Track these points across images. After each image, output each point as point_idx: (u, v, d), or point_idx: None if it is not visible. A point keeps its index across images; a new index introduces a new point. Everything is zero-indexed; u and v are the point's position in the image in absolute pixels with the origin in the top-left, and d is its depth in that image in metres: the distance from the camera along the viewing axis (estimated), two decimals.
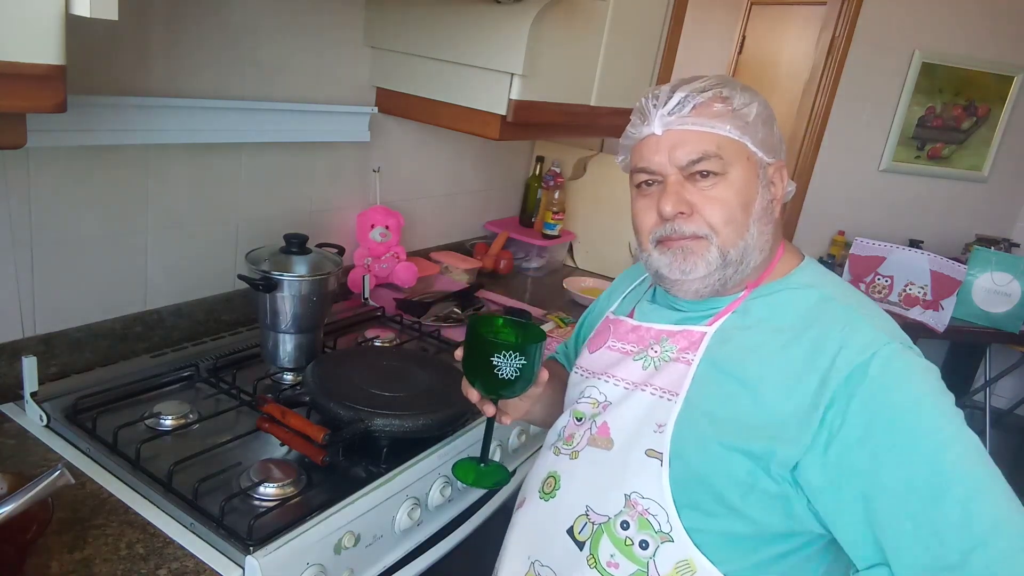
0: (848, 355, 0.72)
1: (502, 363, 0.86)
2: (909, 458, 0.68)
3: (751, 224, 0.82)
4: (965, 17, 3.47)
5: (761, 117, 0.82)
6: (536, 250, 2.36)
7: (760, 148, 0.82)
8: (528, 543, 0.90)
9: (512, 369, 0.86)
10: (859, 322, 0.75)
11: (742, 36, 4.56)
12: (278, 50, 1.48)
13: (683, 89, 0.83)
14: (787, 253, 0.88)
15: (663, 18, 2.20)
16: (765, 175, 0.83)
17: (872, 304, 0.82)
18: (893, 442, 0.69)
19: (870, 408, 0.70)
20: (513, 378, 0.87)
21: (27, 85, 0.68)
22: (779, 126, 0.86)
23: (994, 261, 3.05)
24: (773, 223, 0.85)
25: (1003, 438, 4.00)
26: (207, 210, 1.44)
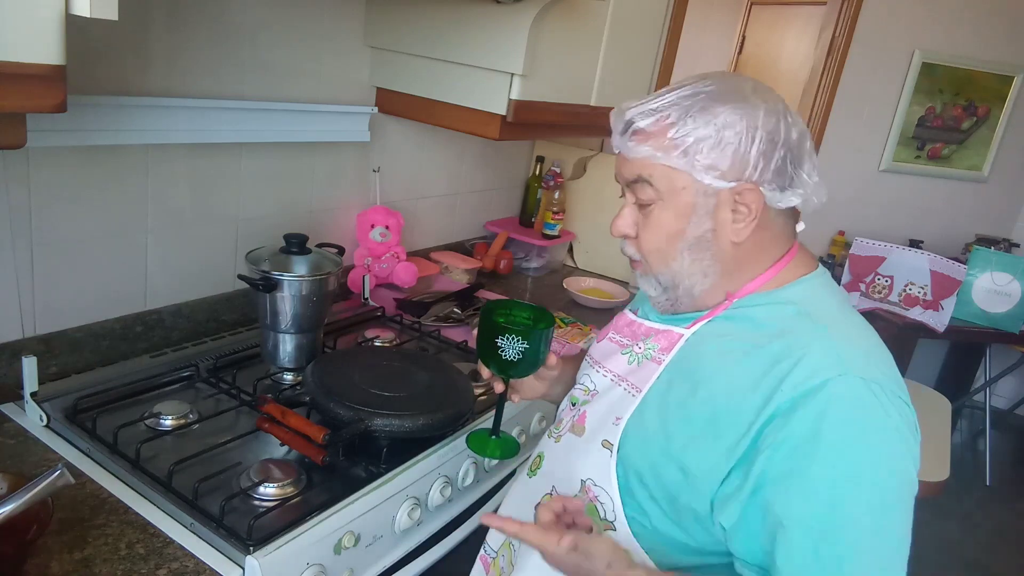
0: (798, 377, 0.70)
1: (505, 345, 0.93)
2: (814, 497, 0.67)
3: (679, 253, 0.81)
4: (965, 17, 3.47)
5: (711, 141, 0.76)
6: (536, 250, 2.36)
7: (706, 174, 0.77)
8: (511, 513, 0.93)
9: (515, 352, 0.92)
10: (823, 343, 0.72)
11: (742, 36, 4.56)
12: (278, 50, 1.48)
13: (633, 110, 0.82)
14: (794, 264, 0.82)
15: (663, 18, 2.20)
16: (715, 201, 0.78)
17: (856, 328, 0.77)
18: (806, 476, 0.67)
19: (800, 437, 0.68)
20: (516, 360, 0.93)
21: (27, 85, 0.68)
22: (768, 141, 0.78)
23: (994, 261, 3.05)
24: (736, 244, 0.80)
25: (1003, 438, 4.00)
26: (207, 210, 1.44)
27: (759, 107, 0.77)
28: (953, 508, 3.15)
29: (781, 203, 0.78)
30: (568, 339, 1.80)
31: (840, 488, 0.67)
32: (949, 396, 2.24)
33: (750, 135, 0.76)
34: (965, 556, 2.86)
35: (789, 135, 0.77)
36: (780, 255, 0.82)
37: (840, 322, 0.77)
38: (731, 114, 0.76)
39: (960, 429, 4.00)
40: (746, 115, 0.76)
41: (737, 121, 0.76)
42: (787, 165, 0.77)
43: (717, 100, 0.77)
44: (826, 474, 0.67)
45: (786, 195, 0.78)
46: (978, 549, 2.92)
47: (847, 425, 0.68)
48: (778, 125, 0.77)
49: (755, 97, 0.77)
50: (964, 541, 2.96)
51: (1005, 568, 2.85)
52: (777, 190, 0.78)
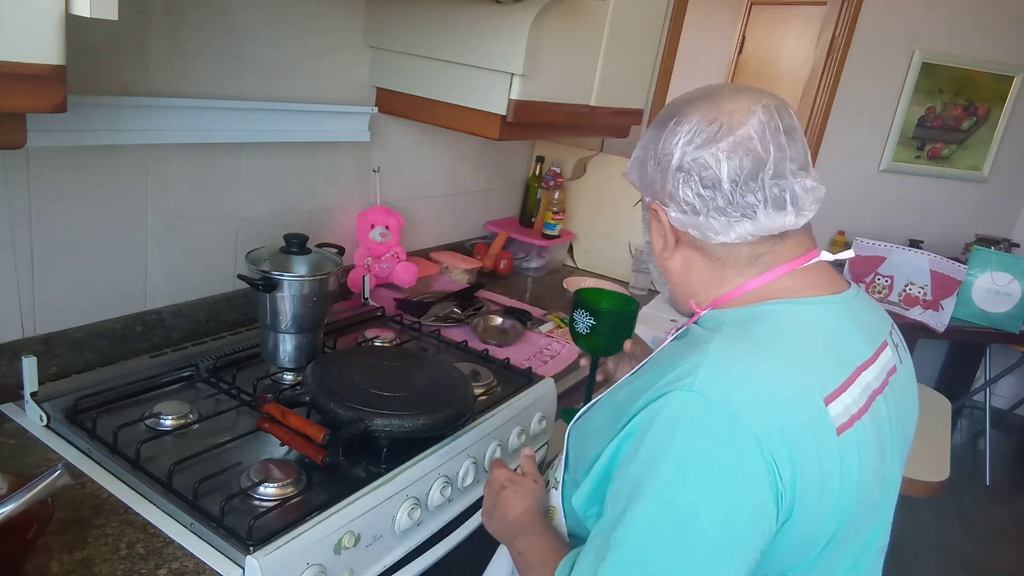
0: (658, 384, 0.71)
1: (578, 319, 1.11)
2: (622, 491, 0.69)
3: (649, 261, 0.90)
4: (965, 17, 3.48)
5: (638, 159, 0.83)
6: (536, 250, 2.36)
7: (640, 186, 0.84)
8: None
9: (584, 326, 1.09)
10: (696, 358, 0.70)
11: (742, 36, 4.56)
12: (278, 50, 1.48)
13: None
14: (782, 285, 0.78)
15: (663, 18, 2.20)
16: (648, 215, 0.85)
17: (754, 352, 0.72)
18: (625, 472, 0.70)
19: (634, 437, 0.70)
20: (586, 333, 1.10)
21: (27, 85, 0.68)
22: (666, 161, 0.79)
23: (994, 261, 3.05)
24: (665, 258, 0.84)
25: (1003, 438, 4.00)
26: (207, 210, 1.44)
27: (674, 127, 0.78)
28: (953, 508, 3.15)
29: (718, 235, 0.77)
30: (568, 339, 1.80)
31: (637, 468, 0.68)
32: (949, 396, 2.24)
33: (652, 154, 0.80)
34: (965, 556, 2.86)
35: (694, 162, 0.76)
36: (759, 271, 0.78)
37: (741, 345, 0.72)
38: (652, 133, 0.81)
39: (960, 429, 4.00)
40: (656, 135, 0.80)
41: (650, 141, 0.81)
42: (709, 195, 0.75)
43: (657, 116, 0.82)
44: (635, 472, 0.68)
45: (707, 224, 0.77)
46: (978, 549, 2.92)
47: (663, 434, 0.67)
48: (684, 151, 0.76)
49: (689, 117, 0.77)
50: (964, 541, 2.96)
51: (1005, 568, 2.85)
52: (693, 215, 0.77)
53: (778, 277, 0.77)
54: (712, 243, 0.78)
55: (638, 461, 0.68)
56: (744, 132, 0.74)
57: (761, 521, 0.66)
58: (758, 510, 0.65)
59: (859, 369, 0.75)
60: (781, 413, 0.67)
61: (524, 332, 1.79)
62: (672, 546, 0.64)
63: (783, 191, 0.75)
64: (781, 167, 0.75)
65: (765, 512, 0.65)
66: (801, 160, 0.77)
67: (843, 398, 0.72)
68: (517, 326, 1.79)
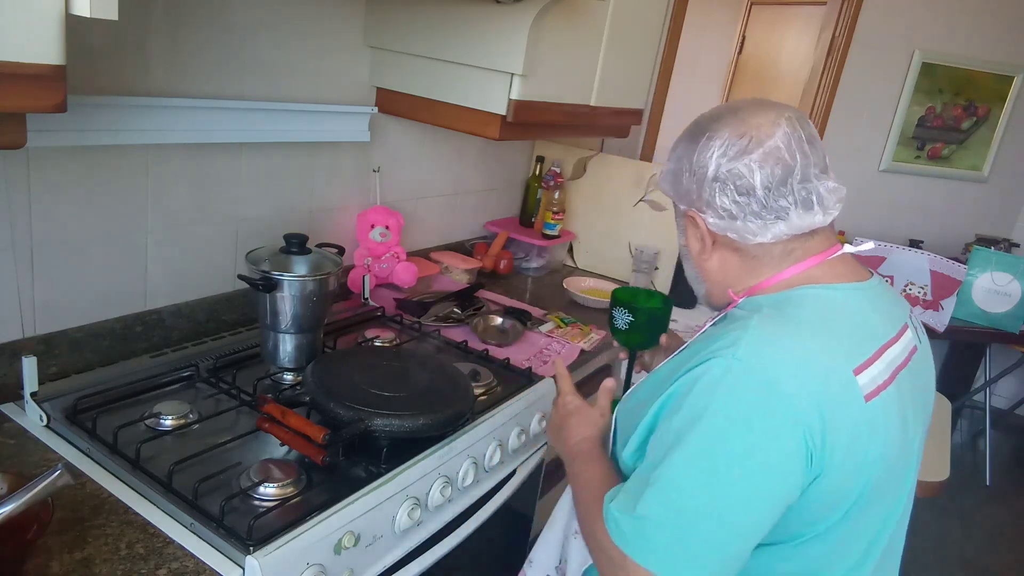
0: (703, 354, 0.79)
1: (616, 315, 1.19)
2: (664, 438, 0.78)
3: (684, 263, 0.99)
4: (965, 17, 3.47)
5: (671, 172, 0.92)
6: (536, 250, 2.36)
7: (674, 195, 0.93)
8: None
9: (623, 322, 1.18)
10: (736, 333, 0.79)
11: (742, 36, 4.56)
12: (278, 50, 1.48)
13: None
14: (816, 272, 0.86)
15: (663, 18, 2.20)
16: (683, 222, 0.93)
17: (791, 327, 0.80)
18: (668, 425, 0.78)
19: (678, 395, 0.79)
20: (624, 328, 1.18)
21: (27, 85, 0.68)
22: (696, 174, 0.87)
23: (994, 261, 3.05)
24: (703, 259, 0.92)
25: (1003, 438, 4.00)
26: (207, 210, 1.44)
27: (706, 141, 0.86)
28: (953, 508, 3.15)
29: (756, 236, 0.85)
30: (568, 339, 1.80)
31: (677, 422, 0.77)
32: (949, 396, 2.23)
33: (687, 167, 0.88)
34: (965, 556, 2.86)
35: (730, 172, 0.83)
36: (791, 263, 0.86)
37: (776, 323, 0.80)
38: (684, 148, 0.89)
39: (960, 429, 4.00)
40: (689, 150, 0.88)
41: (683, 154, 0.89)
42: (744, 201, 0.83)
43: (687, 132, 0.90)
44: (677, 425, 0.77)
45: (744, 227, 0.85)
46: (978, 549, 2.92)
47: (705, 393, 0.76)
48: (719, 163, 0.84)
49: (719, 132, 0.85)
50: (964, 541, 2.96)
51: (1005, 568, 2.85)
52: (729, 220, 0.85)
53: (808, 268, 0.86)
54: (749, 243, 0.86)
55: (680, 416, 0.77)
56: (772, 143, 0.82)
57: (789, 478, 0.74)
58: (786, 466, 0.73)
59: (884, 346, 0.83)
60: (814, 381, 0.75)
61: (524, 332, 1.79)
62: (704, 490, 0.73)
63: (810, 193, 0.83)
64: (807, 172, 0.83)
65: (793, 469, 0.73)
66: (822, 164, 0.85)
67: (870, 370, 0.79)
68: (517, 326, 1.79)
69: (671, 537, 0.73)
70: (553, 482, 1.88)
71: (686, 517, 0.73)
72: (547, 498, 1.85)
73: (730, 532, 0.73)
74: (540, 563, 1.11)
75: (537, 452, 1.52)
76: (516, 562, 1.72)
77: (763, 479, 0.73)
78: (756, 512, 0.73)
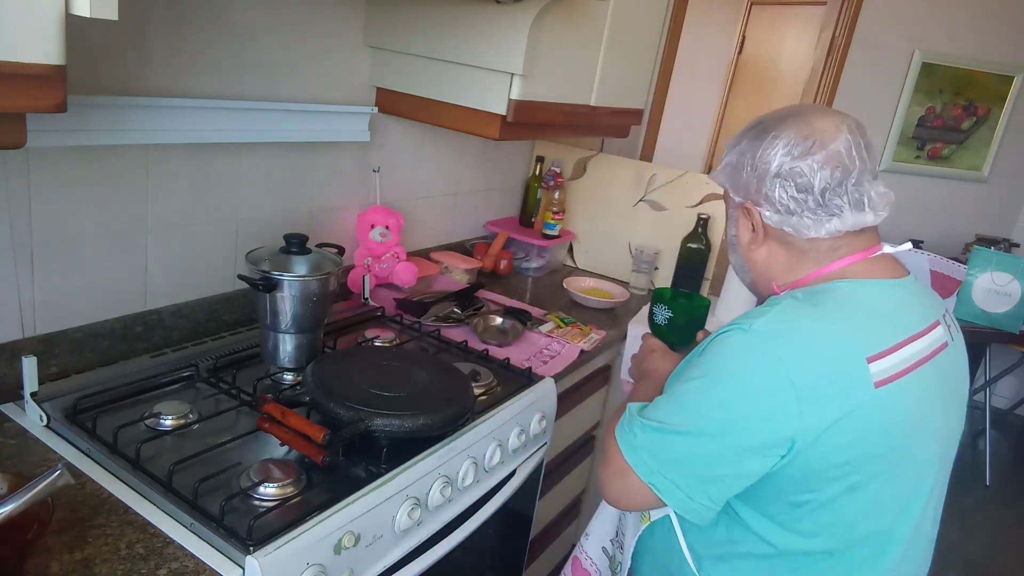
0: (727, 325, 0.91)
1: (656, 311, 1.29)
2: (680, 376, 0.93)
3: (730, 252, 1.05)
4: (965, 17, 3.48)
5: (731, 165, 0.97)
6: (536, 250, 2.36)
7: (731, 188, 0.98)
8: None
9: (662, 318, 1.28)
10: (763, 310, 0.89)
11: (742, 36, 4.56)
12: (278, 50, 1.48)
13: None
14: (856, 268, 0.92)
15: (663, 18, 2.20)
16: (736, 212, 0.99)
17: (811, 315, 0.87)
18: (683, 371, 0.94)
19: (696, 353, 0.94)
20: (664, 324, 1.28)
21: (27, 85, 0.68)
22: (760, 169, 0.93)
23: (994, 261, 3.05)
24: (751, 250, 0.99)
25: (1003, 438, 4.00)
26: (207, 210, 1.44)
27: (771, 141, 0.91)
28: (953, 508, 3.15)
29: (810, 231, 0.91)
30: (568, 339, 1.80)
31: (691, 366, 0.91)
32: None
33: (749, 162, 0.93)
34: (965, 556, 2.86)
35: (792, 170, 0.90)
36: (834, 259, 0.93)
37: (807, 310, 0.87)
38: (747, 144, 0.94)
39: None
40: (753, 146, 0.93)
41: (747, 149, 0.94)
42: (801, 197, 0.90)
43: (751, 131, 0.95)
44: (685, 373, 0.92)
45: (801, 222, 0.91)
46: (978, 549, 2.93)
47: (715, 353, 0.89)
48: (782, 162, 0.90)
49: (783, 133, 0.91)
50: (964, 541, 2.96)
51: (1005, 568, 2.85)
52: (787, 215, 0.92)
53: (849, 264, 0.92)
54: (802, 238, 0.92)
55: (691, 369, 0.90)
56: (835, 147, 0.88)
57: (770, 427, 0.83)
58: (760, 433, 0.83)
59: (908, 340, 0.88)
60: (817, 359, 0.83)
61: (524, 332, 1.79)
62: (680, 410, 0.88)
63: (863, 195, 0.90)
64: (862, 176, 0.90)
65: (778, 422, 0.83)
66: (874, 170, 0.92)
67: (887, 360, 0.85)
68: (517, 326, 1.79)
69: (648, 437, 0.89)
70: (553, 482, 1.89)
71: (658, 422, 0.88)
72: (547, 498, 1.85)
73: (682, 446, 0.86)
74: (597, 535, 1.21)
75: (537, 452, 1.52)
76: (516, 562, 1.72)
77: (741, 427, 0.84)
78: (725, 450, 0.85)
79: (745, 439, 0.84)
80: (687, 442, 0.86)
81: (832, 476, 0.85)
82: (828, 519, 0.88)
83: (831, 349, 0.84)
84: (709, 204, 2.24)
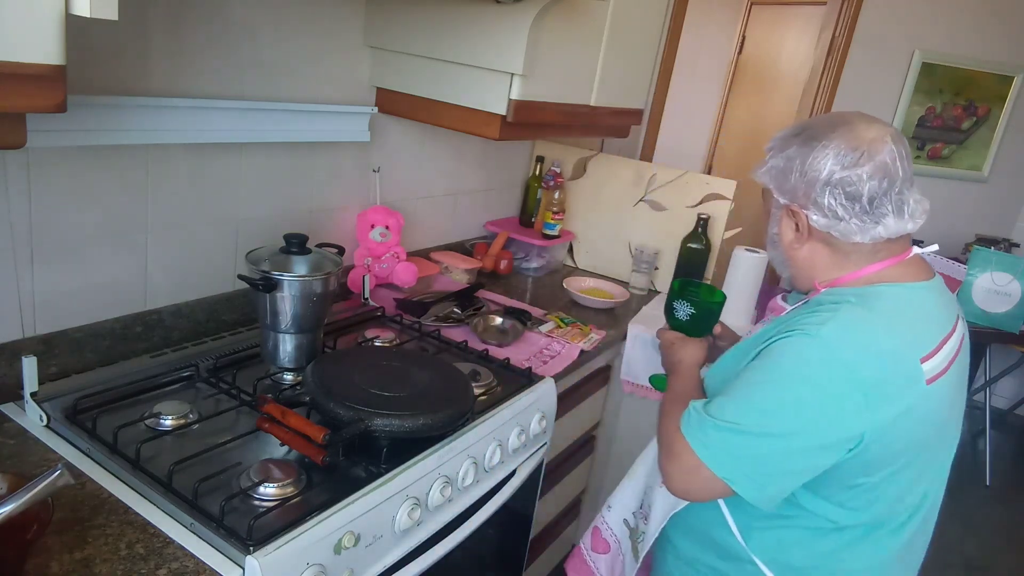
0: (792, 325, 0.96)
1: (678, 307, 1.31)
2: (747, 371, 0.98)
3: (770, 248, 1.10)
4: (965, 17, 3.48)
5: (779, 169, 1.01)
6: (536, 250, 2.36)
7: (776, 190, 1.03)
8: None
9: (684, 313, 1.29)
10: (820, 316, 0.94)
11: (742, 36, 4.56)
12: (278, 50, 1.48)
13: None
14: (895, 271, 0.99)
15: (663, 18, 2.20)
16: (780, 213, 1.04)
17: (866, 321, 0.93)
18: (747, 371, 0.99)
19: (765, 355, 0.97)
20: (685, 319, 1.30)
21: (27, 85, 0.68)
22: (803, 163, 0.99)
23: (994, 261, 3.05)
24: (794, 249, 1.04)
25: (1003, 438, 4.00)
26: (207, 210, 1.44)
27: (822, 149, 0.96)
28: (953, 508, 3.15)
29: (856, 236, 0.96)
30: (568, 339, 1.80)
31: (756, 373, 0.96)
32: None
33: (797, 167, 0.98)
34: (965, 556, 2.86)
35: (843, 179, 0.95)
36: (873, 261, 0.99)
37: (860, 314, 0.94)
38: (796, 150, 0.99)
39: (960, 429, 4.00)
40: (803, 152, 0.98)
41: (796, 155, 0.98)
42: (850, 204, 0.95)
43: (799, 137, 0.99)
44: (755, 367, 0.97)
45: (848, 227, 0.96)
46: (978, 549, 2.93)
47: (786, 353, 0.94)
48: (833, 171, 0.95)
49: (832, 142, 0.96)
50: (964, 541, 2.96)
51: (1005, 568, 2.85)
52: (835, 220, 0.96)
53: (887, 267, 0.99)
54: (848, 241, 0.98)
55: (754, 372, 0.96)
56: (882, 158, 0.94)
57: (832, 437, 0.91)
58: (831, 432, 0.91)
59: (945, 338, 0.97)
60: (878, 361, 0.91)
61: (524, 332, 1.79)
62: (750, 412, 0.93)
63: (903, 203, 0.96)
64: (904, 185, 0.96)
65: (841, 437, 0.91)
66: (911, 178, 0.97)
67: (935, 359, 0.94)
68: (517, 326, 1.79)
69: (721, 436, 0.93)
70: (553, 482, 1.89)
71: (730, 423, 0.93)
72: (547, 498, 1.85)
73: (757, 447, 0.92)
74: (619, 507, 1.27)
75: (537, 452, 1.52)
76: (516, 562, 1.72)
77: (813, 429, 0.91)
78: (788, 449, 0.91)
79: (819, 438, 0.91)
80: (763, 442, 0.92)
81: (886, 462, 0.94)
82: (876, 496, 0.97)
83: (892, 353, 0.91)
84: (709, 204, 2.24)
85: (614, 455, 2.16)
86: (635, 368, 2.01)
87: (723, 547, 1.08)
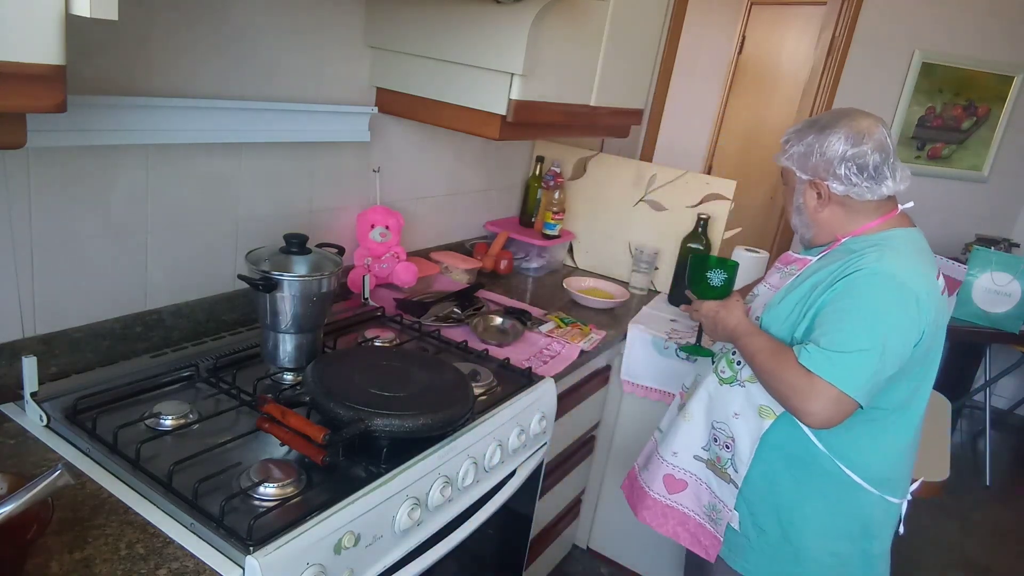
0: (848, 270, 1.23)
1: (713, 276, 1.50)
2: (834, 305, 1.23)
3: (793, 214, 1.40)
4: (965, 17, 3.48)
5: (800, 153, 1.31)
6: (536, 250, 2.36)
7: (799, 169, 1.32)
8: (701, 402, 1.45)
9: (719, 280, 1.49)
10: (870, 258, 1.22)
11: (742, 36, 4.55)
12: (278, 50, 1.48)
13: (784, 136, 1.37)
14: (894, 220, 1.30)
15: (663, 18, 2.20)
16: (803, 187, 1.34)
17: (900, 255, 1.23)
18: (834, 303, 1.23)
19: (839, 292, 1.22)
20: (720, 285, 1.49)
21: (27, 85, 0.68)
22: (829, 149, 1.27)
23: (994, 261, 3.05)
24: (817, 212, 1.33)
25: (1003, 438, 4.00)
26: (207, 210, 1.44)
27: (834, 135, 1.26)
28: (953, 508, 3.15)
29: (868, 195, 1.27)
30: (568, 339, 1.80)
31: (845, 303, 1.21)
32: (949, 396, 2.23)
33: (816, 150, 1.28)
34: (965, 556, 2.86)
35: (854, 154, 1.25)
36: (877, 217, 1.30)
37: (893, 251, 1.24)
38: (814, 138, 1.29)
39: (960, 429, 4.00)
40: (819, 139, 1.28)
41: (814, 142, 1.29)
42: (860, 173, 1.25)
43: (813, 128, 1.30)
44: (842, 306, 1.21)
45: (861, 189, 1.26)
46: (978, 549, 2.92)
47: (862, 287, 1.20)
48: (845, 149, 1.25)
49: (840, 130, 1.26)
50: (964, 541, 2.96)
51: (1005, 568, 2.85)
52: (851, 186, 1.26)
53: (888, 219, 1.31)
54: (858, 201, 1.28)
55: (846, 299, 1.21)
56: (878, 137, 1.26)
57: (911, 333, 1.20)
58: (909, 327, 1.20)
59: (939, 268, 1.30)
60: (921, 282, 1.22)
61: (524, 332, 1.79)
62: (865, 334, 1.17)
63: (896, 169, 1.27)
64: (895, 157, 1.28)
65: (913, 328, 1.20)
66: (896, 152, 1.29)
67: (940, 279, 1.28)
68: (517, 326, 1.79)
69: (841, 360, 1.16)
70: (553, 482, 1.89)
71: (851, 350, 1.16)
72: (547, 498, 1.85)
73: (875, 361, 1.16)
74: (685, 448, 1.44)
75: (537, 452, 1.52)
76: (516, 562, 1.72)
77: (898, 333, 1.18)
78: (886, 350, 1.16)
79: (903, 341, 1.19)
80: (872, 357, 1.16)
81: (916, 360, 1.23)
82: (902, 387, 1.25)
83: (923, 275, 1.22)
84: (709, 204, 2.24)
85: (614, 455, 2.16)
86: (635, 368, 2.01)
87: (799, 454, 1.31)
